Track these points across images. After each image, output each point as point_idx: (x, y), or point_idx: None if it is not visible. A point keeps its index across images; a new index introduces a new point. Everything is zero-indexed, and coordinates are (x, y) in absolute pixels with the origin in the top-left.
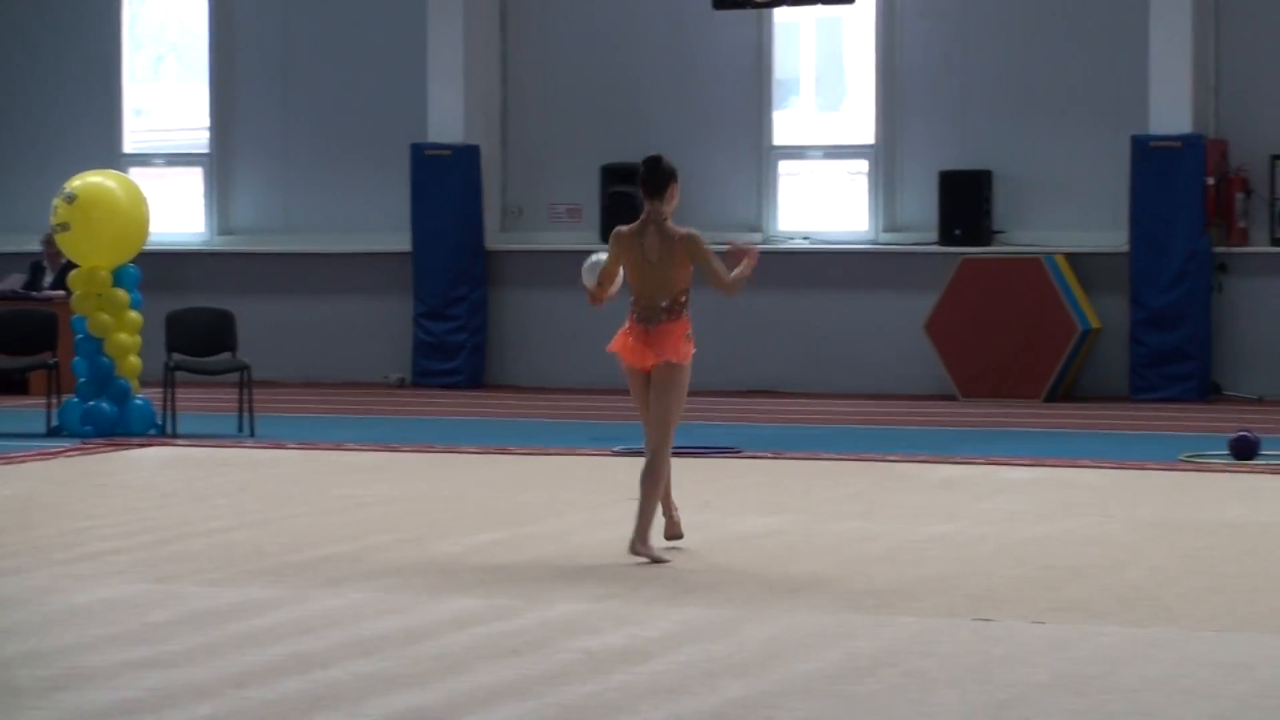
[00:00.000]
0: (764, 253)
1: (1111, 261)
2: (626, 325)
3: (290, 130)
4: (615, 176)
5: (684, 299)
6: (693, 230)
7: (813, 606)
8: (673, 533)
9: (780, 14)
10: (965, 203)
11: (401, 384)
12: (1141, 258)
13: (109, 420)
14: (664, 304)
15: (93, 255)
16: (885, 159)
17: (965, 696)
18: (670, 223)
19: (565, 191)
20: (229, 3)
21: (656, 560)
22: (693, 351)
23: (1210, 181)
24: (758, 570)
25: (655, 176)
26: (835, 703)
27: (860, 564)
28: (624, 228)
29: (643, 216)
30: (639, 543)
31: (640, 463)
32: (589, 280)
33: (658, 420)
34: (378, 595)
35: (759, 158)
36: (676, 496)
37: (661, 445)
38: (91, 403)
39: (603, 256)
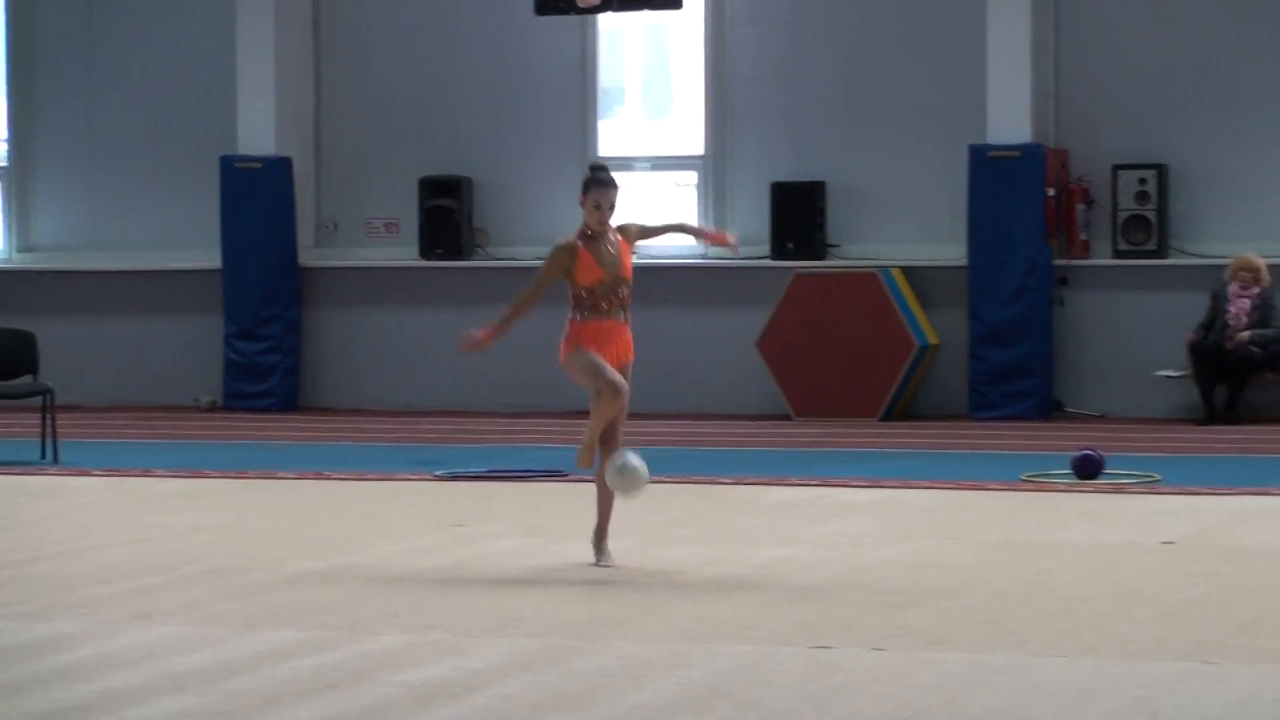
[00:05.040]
0: None
1: (949, 275)
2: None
3: (94, 142)
4: (434, 189)
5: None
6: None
7: (644, 635)
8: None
9: (605, 20)
10: (798, 215)
11: (212, 407)
12: (980, 271)
13: None
14: None
15: None
16: (715, 170)
17: None
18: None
19: (382, 205)
20: (28, 8)
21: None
22: (567, 350)
23: (1050, 192)
24: (586, 598)
25: None
26: None
27: (693, 590)
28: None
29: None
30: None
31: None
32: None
33: None
34: (190, 628)
35: (583, 168)
36: (502, 523)
37: None
38: None
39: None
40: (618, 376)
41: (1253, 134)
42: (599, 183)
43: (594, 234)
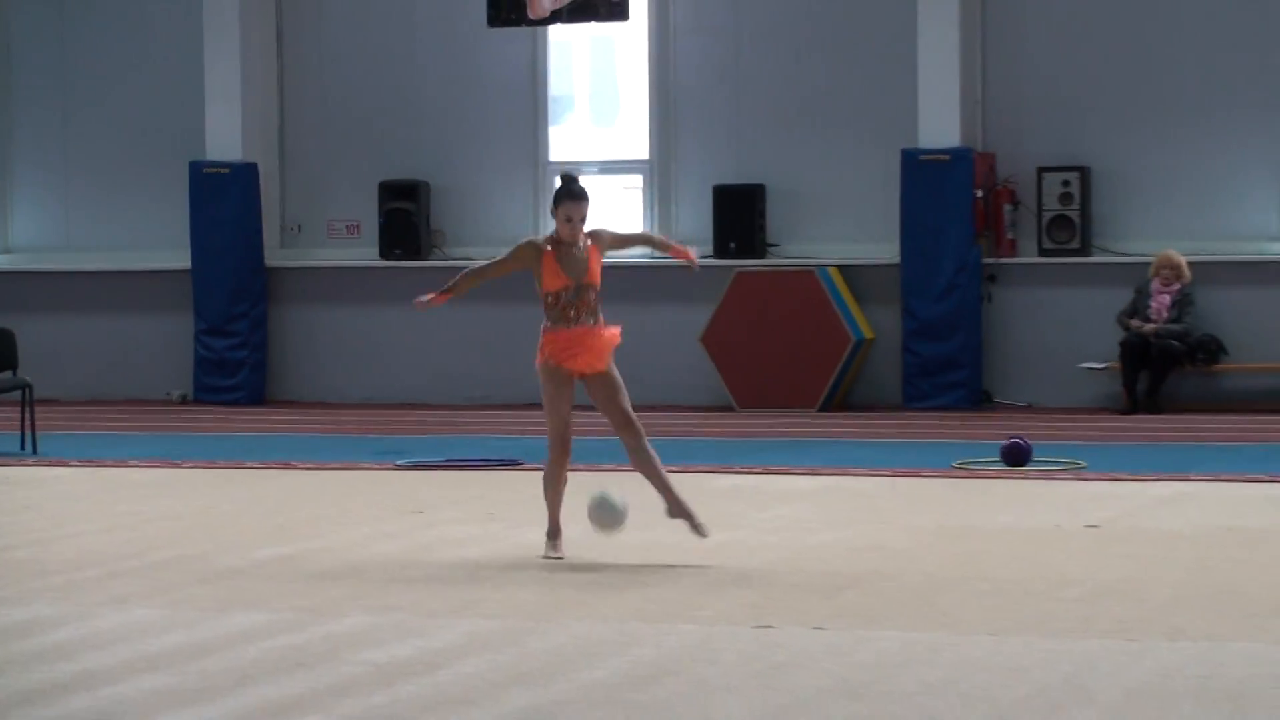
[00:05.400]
0: None
1: (884, 273)
2: None
3: (70, 149)
4: (393, 193)
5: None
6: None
7: (596, 616)
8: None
9: (554, 31)
10: (739, 216)
11: (183, 400)
12: (913, 269)
13: None
14: None
15: None
16: (660, 173)
17: (748, 702)
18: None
19: (344, 208)
20: (2, 18)
21: None
22: (540, 359)
23: (978, 194)
24: (541, 581)
25: None
26: (620, 711)
27: (642, 573)
28: None
29: None
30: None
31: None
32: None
33: None
34: (164, 611)
35: (535, 172)
36: (460, 510)
37: None
38: None
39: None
40: (567, 436)
41: (1169, 138)
42: (571, 195)
43: (563, 241)
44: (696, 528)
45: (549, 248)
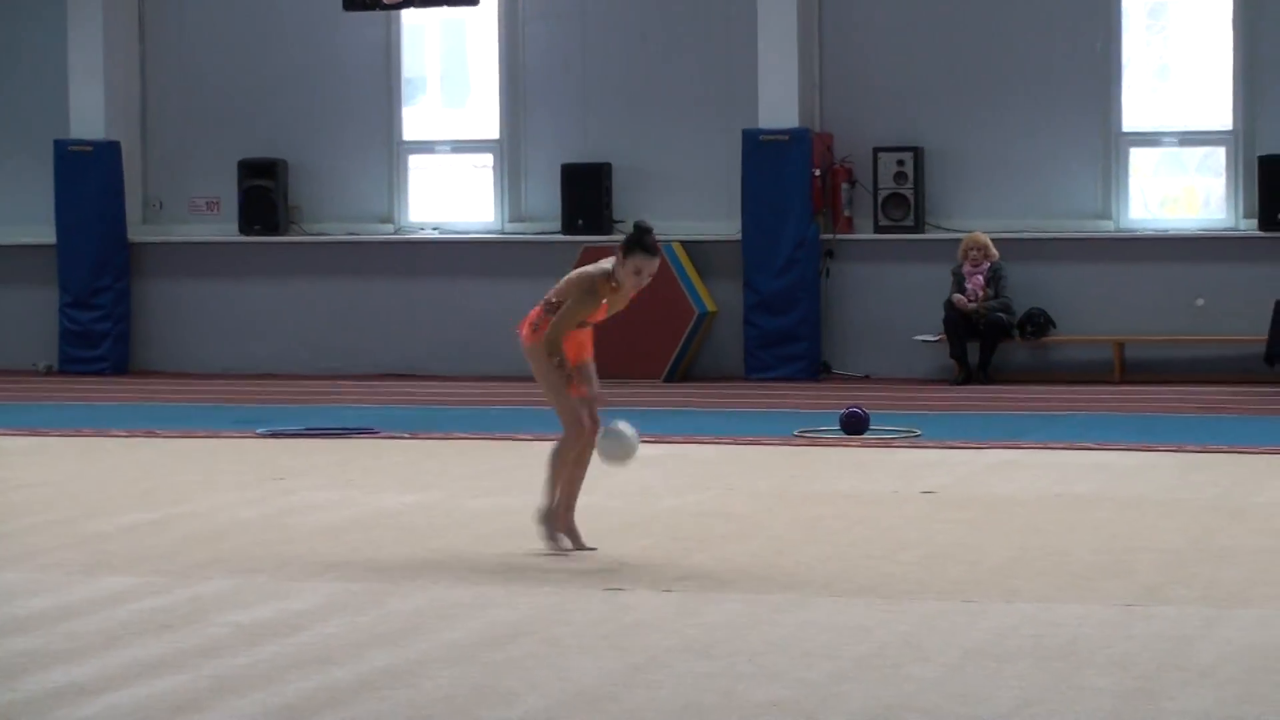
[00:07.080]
0: (396, 243)
1: (726, 249)
2: None
3: None
4: (252, 171)
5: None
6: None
7: (453, 579)
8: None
9: (408, 15)
10: (586, 194)
11: (49, 371)
12: (754, 245)
13: None
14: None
15: None
16: (510, 153)
17: (600, 661)
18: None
19: (204, 185)
20: None
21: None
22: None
23: (817, 173)
24: (400, 546)
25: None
26: (477, 670)
27: (497, 539)
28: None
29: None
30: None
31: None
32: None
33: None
34: (33, 575)
35: (390, 152)
36: (319, 477)
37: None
38: None
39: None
40: (587, 417)
41: (998, 119)
42: (645, 250)
43: (618, 287)
44: (556, 541)
45: (604, 298)
